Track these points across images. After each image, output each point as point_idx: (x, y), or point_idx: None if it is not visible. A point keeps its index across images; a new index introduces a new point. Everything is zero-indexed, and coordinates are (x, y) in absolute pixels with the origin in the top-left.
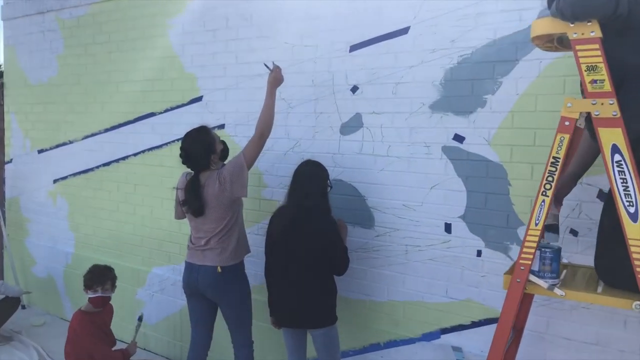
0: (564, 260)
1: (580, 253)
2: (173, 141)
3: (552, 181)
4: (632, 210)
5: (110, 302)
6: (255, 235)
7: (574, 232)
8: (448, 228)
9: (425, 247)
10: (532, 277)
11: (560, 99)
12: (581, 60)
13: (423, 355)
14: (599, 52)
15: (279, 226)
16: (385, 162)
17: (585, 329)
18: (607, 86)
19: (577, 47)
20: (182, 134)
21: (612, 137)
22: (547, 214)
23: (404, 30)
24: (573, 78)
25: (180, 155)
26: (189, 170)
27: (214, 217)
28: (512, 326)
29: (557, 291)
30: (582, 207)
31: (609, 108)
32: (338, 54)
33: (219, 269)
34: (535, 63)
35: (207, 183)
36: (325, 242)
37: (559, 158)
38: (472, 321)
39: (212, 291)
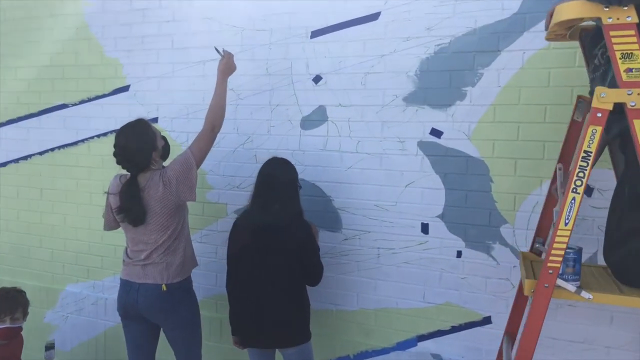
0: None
1: None
2: (92, 137)
3: (584, 177)
4: None
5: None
6: (199, 243)
7: None
8: (425, 228)
9: (399, 250)
10: (559, 281)
11: (545, 92)
12: (615, 47)
13: None
14: (635, 39)
15: (244, 233)
16: (354, 159)
17: (572, 328)
18: None
19: (612, 33)
20: (103, 129)
21: None
22: (577, 213)
23: (374, 16)
24: (557, 70)
25: (115, 154)
26: (123, 172)
27: (157, 225)
28: (539, 334)
29: (585, 294)
30: None
31: None
32: (297, 39)
33: (164, 287)
34: (519, 54)
35: (147, 186)
36: (299, 249)
37: (591, 152)
38: (451, 326)
39: (155, 313)
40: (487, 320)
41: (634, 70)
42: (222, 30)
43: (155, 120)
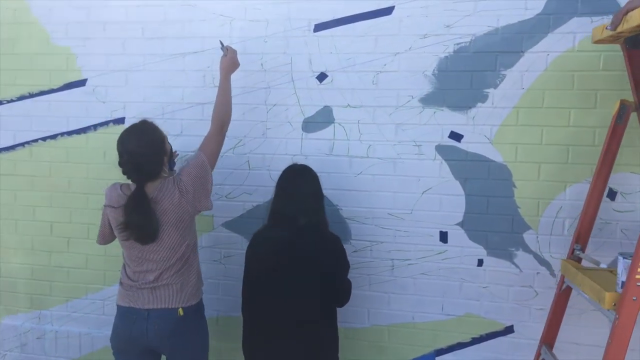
0: (603, 265)
1: (592, 253)
2: (36, 140)
3: None
4: None
5: None
6: None
7: None
8: (444, 237)
9: (416, 261)
10: None
11: (569, 95)
12: None
13: None
14: None
15: (266, 254)
16: (365, 164)
17: (595, 332)
18: None
19: None
20: (52, 130)
21: None
22: None
23: (388, 10)
24: (582, 73)
25: (123, 163)
26: (121, 181)
27: (171, 241)
28: (627, 346)
29: None
30: None
31: None
32: (298, 33)
33: (181, 312)
34: (543, 56)
35: (159, 197)
36: (334, 265)
37: None
38: (472, 337)
39: (170, 342)
40: (509, 330)
41: None
42: (207, 19)
43: (122, 120)
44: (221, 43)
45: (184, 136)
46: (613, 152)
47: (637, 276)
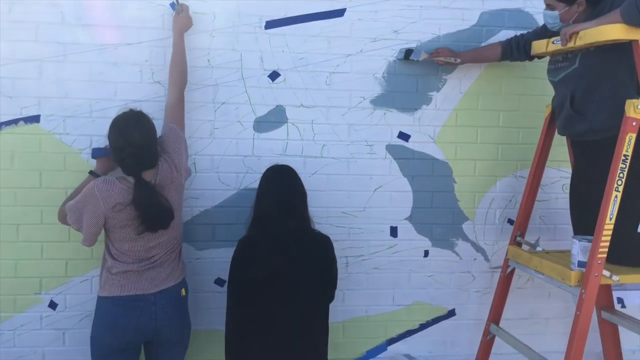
0: (539, 248)
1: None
2: None
3: (623, 177)
4: None
5: None
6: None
7: (510, 222)
8: (394, 232)
9: (369, 256)
10: (604, 271)
11: (499, 99)
12: None
13: None
14: None
15: (268, 258)
16: (319, 164)
17: (520, 307)
18: None
19: None
20: None
21: None
22: (618, 208)
23: (340, 12)
24: (509, 80)
25: (126, 157)
26: (111, 176)
27: (178, 219)
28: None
29: (614, 277)
30: (517, 198)
31: None
32: (248, 29)
33: (183, 292)
34: (478, 64)
35: (160, 181)
36: (329, 261)
37: (628, 155)
38: (419, 324)
39: (175, 326)
40: (451, 313)
41: None
42: (142, 7)
43: (37, 118)
44: (171, 7)
45: None
46: (546, 150)
47: (599, 255)
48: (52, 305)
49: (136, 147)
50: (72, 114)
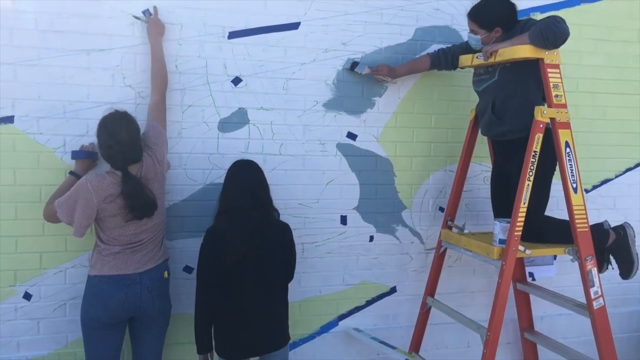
0: (466, 231)
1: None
2: None
3: (534, 169)
4: (574, 185)
5: None
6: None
7: (441, 209)
8: (344, 220)
9: (322, 242)
10: (520, 246)
11: (431, 103)
12: (550, 80)
13: (324, 348)
14: (559, 75)
15: (238, 246)
16: (277, 161)
17: (450, 283)
18: (564, 100)
19: (548, 70)
20: None
21: (565, 136)
22: (530, 194)
23: (294, 25)
24: (440, 87)
25: (111, 155)
26: (100, 172)
27: (161, 206)
28: (509, 284)
29: (527, 251)
30: (446, 189)
31: (565, 115)
32: (212, 38)
33: (166, 275)
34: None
35: (145, 173)
36: (292, 248)
37: (537, 152)
38: (366, 301)
39: (157, 305)
40: (393, 290)
41: (559, 96)
42: (114, 16)
43: (10, 119)
44: (143, 13)
45: (90, 136)
46: (471, 148)
47: (516, 233)
48: (27, 296)
49: (123, 144)
50: (46, 115)
